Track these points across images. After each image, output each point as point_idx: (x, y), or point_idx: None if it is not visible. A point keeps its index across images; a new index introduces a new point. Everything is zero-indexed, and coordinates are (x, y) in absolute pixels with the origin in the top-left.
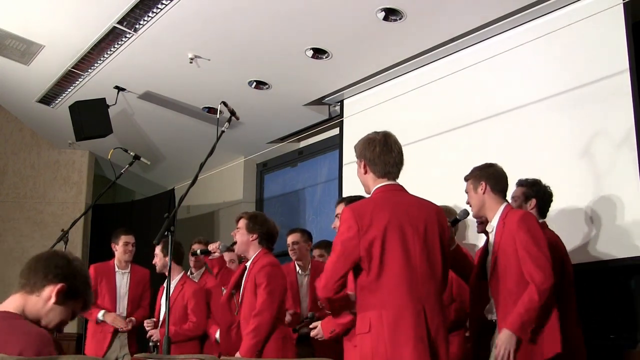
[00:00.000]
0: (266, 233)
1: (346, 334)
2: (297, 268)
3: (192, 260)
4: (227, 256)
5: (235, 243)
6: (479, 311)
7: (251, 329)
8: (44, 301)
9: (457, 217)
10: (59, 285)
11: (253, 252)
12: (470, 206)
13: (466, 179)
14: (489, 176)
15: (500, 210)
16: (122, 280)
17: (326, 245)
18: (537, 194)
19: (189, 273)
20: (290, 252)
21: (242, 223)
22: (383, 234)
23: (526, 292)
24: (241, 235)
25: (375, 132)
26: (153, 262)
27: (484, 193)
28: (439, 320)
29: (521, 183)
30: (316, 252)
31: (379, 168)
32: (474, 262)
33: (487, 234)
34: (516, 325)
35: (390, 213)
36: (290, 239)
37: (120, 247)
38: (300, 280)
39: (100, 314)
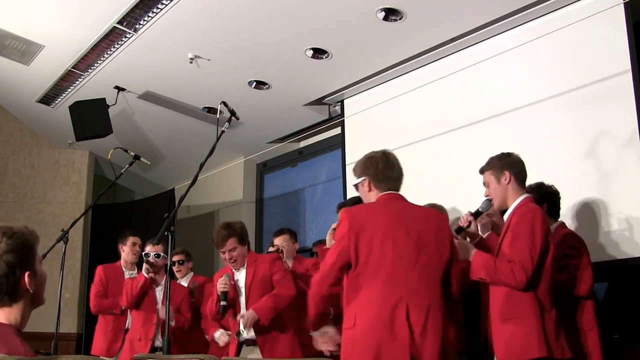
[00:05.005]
0: None
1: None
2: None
3: (176, 270)
4: None
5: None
6: None
7: (274, 296)
8: None
9: (480, 209)
10: None
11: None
12: (492, 199)
13: (483, 170)
14: (511, 165)
15: (519, 200)
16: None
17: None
18: (545, 196)
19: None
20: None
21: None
22: (372, 235)
23: (507, 264)
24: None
25: (374, 151)
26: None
27: (508, 183)
28: (429, 321)
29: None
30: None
31: (383, 184)
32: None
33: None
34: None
35: (385, 216)
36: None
37: (128, 248)
38: None
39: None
